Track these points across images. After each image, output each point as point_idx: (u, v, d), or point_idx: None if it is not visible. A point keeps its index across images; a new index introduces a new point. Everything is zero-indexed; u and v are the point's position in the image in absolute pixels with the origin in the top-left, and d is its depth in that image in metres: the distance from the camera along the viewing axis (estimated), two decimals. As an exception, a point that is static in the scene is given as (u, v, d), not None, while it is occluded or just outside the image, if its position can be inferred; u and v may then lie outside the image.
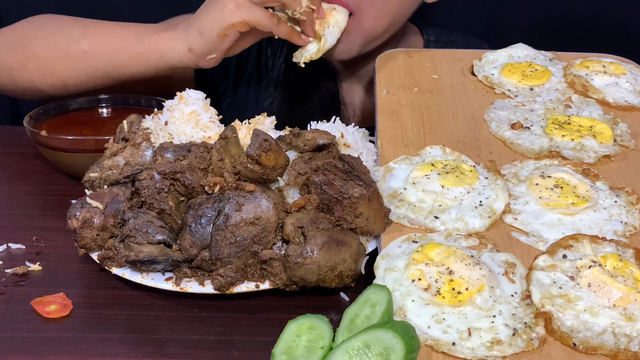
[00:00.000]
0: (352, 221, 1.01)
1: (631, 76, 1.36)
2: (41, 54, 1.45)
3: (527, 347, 0.86)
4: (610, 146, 1.18)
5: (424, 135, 1.23)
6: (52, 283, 1.07)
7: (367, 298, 0.90)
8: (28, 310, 1.01)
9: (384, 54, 1.47)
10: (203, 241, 1.00)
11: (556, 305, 0.90)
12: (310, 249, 0.97)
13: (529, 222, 1.05)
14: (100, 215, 1.04)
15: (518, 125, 1.23)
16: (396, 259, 0.97)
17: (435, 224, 1.04)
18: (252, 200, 1.01)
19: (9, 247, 1.16)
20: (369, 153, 1.19)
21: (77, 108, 1.51)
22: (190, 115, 1.18)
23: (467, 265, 0.93)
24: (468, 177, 1.10)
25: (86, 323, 1.00)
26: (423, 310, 0.90)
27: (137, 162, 1.12)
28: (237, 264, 1.00)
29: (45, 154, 1.38)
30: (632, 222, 1.05)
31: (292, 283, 1.00)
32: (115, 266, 1.04)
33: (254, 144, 1.02)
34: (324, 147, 1.08)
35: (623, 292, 0.90)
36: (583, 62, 1.39)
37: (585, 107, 1.28)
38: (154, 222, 1.02)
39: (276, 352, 0.86)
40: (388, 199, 1.08)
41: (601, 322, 0.88)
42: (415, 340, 0.82)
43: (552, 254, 0.98)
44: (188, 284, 1.01)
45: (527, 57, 1.44)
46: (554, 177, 1.10)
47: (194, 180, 1.04)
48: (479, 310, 0.89)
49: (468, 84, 1.38)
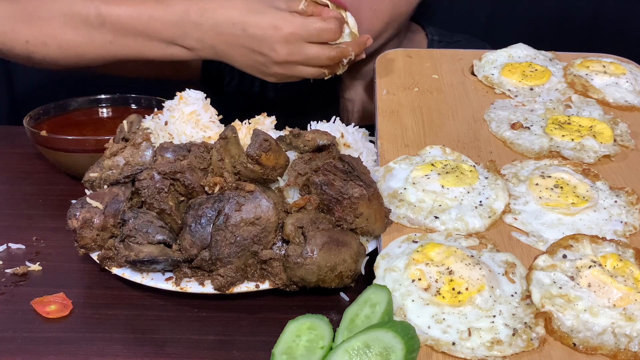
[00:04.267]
0: (352, 221, 1.01)
1: (631, 76, 1.35)
2: (63, 37, 1.41)
3: (527, 347, 0.86)
4: (610, 146, 1.18)
5: (424, 135, 1.23)
6: (52, 283, 1.07)
7: (367, 298, 0.90)
8: (28, 310, 1.01)
9: (384, 53, 1.47)
10: (203, 241, 1.00)
11: (556, 305, 0.90)
12: (310, 249, 0.97)
13: (529, 222, 1.05)
14: (100, 215, 1.04)
15: (518, 125, 1.23)
16: (396, 259, 0.97)
17: (435, 224, 1.04)
18: (252, 200, 1.01)
19: (9, 247, 1.16)
20: (369, 153, 1.19)
21: (77, 108, 1.51)
22: (190, 115, 1.18)
23: (467, 265, 0.93)
24: (468, 177, 1.10)
25: (86, 323, 1.00)
26: (423, 310, 0.90)
27: (137, 162, 1.12)
28: (237, 264, 1.00)
29: (45, 154, 1.38)
30: (632, 222, 1.05)
31: (292, 283, 1.00)
32: (115, 266, 1.04)
33: (254, 144, 1.02)
34: (324, 147, 1.08)
35: (623, 292, 0.90)
36: (583, 62, 1.39)
37: (585, 107, 1.28)
38: (154, 222, 1.02)
39: (276, 352, 0.86)
40: (388, 199, 1.08)
41: (601, 322, 0.88)
42: (415, 340, 0.82)
43: (552, 254, 0.98)
44: (188, 284, 1.01)
45: (527, 57, 1.44)
46: (554, 177, 1.10)
47: (194, 180, 1.04)
48: (479, 310, 0.89)
49: (468, 84, 1.38)
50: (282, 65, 1.30)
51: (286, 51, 1.27)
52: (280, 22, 1.27)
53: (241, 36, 1.30)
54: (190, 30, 1.33)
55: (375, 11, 1.44)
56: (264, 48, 1.29)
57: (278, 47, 1.27)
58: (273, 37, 1.27)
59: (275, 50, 1.28)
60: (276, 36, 1.27)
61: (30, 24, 1.42)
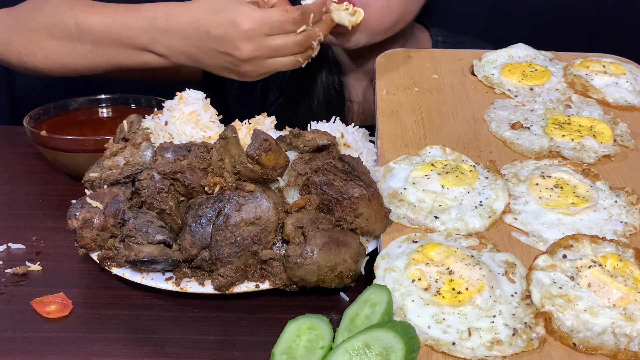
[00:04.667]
0: (352, 221, 1.01)
1: (631, 76, 1.35)
2: (49, 48, 1.42)
3: (527, 347, 0.86)
4: (610, 146, 1.18)
5: (424, 135, 1.23)
6: (52, 283, 1.07)
7: (367, 298, 0.90)
8: (28, 310, 1.01)
9: (384, 54, 1.47)
10: (203, 241, 1.00)
11: (556, 305, 0.90)
12: (310, 249, 0.97)
13: (529, 222, 1.05)
14: (100, 215, 1.04)
15: (518, 125, 1.23)
16: (396, 259, 0.97)
17: (435, 224, 1.04)
18: (252, 200, 1.01)
19: (9, 247, 1.16)
20: (369, 153, 1.19)
21: (77, 108, 1.51)
22: (190, 115, 1.18)
23: (467, 265, 0.93)
24: (468, 177, 1.10)
25: (86, 323, 1.00)
26: (423, 310, 0.90)
27: (137, 162, 1.12)
28: (237, 264, 1.00)
29: (45, 154, 1.38)
30: (632, 222, 1.05)
31: (292, 283, 1.00)
32: (115, 266, 1.04)
33: (254, 144, 1.02)
34: (324, 147, 1.08)
35: (623, 292, 0.90)
36: (583, 62, 1.39)
37: (585, 107, 1.28)
38: (154, 222, 1.02)
39: (276, 352, 0.86)
40: (388, 199, 1.08)
41: (601, 322, 0.88)
42: (415, 340, 0.82)
43: (552, 254, 0.98)
44: (188, 284, 1.01)
45: (527, 57, 1.44)
46: (554, 177, 1.10)
47: (194, 180, 1.04)
48: (479, 310, 0.89)
49: (468, 84, 1.38)
50: (251, 62, 1.26)
51: (250, 47, 1.23)
52: (238, 18, 1.22)
53: (205, 38, 1.26)
54: (159, 37, 1.32)
55: (387, 9, 1.43)
56: (228, 47, 1.25)
57: (241, 45, 1.23)
58: (233, 34, 1.23)
59: (239, 49, 1.24)
60: (236, 33, 1.23)
61: (22, 34, 1.44)
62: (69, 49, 1.40)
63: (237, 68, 1.28)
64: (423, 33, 1.71)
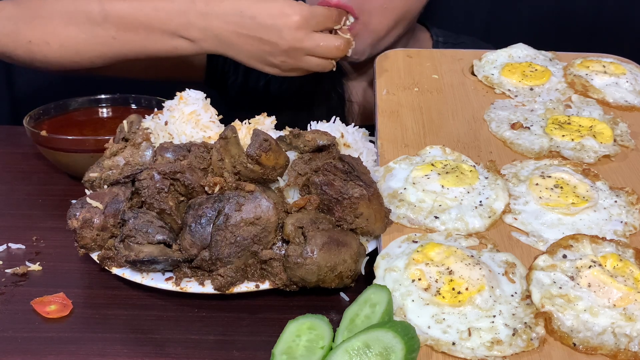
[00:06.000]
0: (352, 221, 1.01)
1: (631, 76, 1.35)
2: (65, 35, 1.40)
3: (527, 347, 0.86)
4: (610, 146, 1.18)
5: (424, 135, 1.23)
6: (52, 283, 1.07)
7: (367, 298, 0.90)
8: (28, 310, 1.01)
9: (384, 54, 1.47)
10: (203, 241, 1.00)
11: (556, 305, 0.90)
12: (310, 250, 0.97)
13: (529, 222, 1.05)
14: (100, 215, 1.04)
15: (518, 125, 1.23)
16: (396, 259, 0.97)
17: (435, 224, 1.04)
18: (252, 200, 1.01)
19: (9, 247, 1.16)
20: (369, 153, 1.19)
21: (77, 108, 1.51)
22: (190, 115, 1.18)
23: (467, 265, 0.93)
24: (468, 177, 1.10)
25: (86, 323, 1.00)
26: (423, 310, 0.90)
27: (137, 162, 1.12)
28: (237, 264, 1.00)
29: (45, 154, 1.38)
30: (632, 222, 1.05)
31: (292, 283, 1.00)
32: (115, 266, 1.04)
33: (254, 144, 1.02)
34: (324, 147, 1.08)
35: (623, 292, 0.90)
36: (583, 62, 1.39)
37: (585, 107, 1.28)
38: (154, 222, 1.02)
39: (276, 352, 0.86)
40: (388, 199, 1.08)
41: (601, 322, 0.88)
42: (415, 340, 0.82)
43: (552, 254, 0.98)
44: (188, 284, 1.01)
45: (527, 57, 1.44)
46: (554, 177, 1.10)
47: (194, 180, 1.04)
48: (479, 310, 0.89)
49: (468, 84, 1.38)
50: (289, 54, 1.28)
51: (296, 38, 1.26)
52: (288, 9, 1.26)
53: (250, 25, 1.28)
54: (195, 20, 1.31)
55: (387, 9, 1.43)
56: (272, 36, 1.27)
57: (287, 35, 1.26)
58: (281, 24, 1.26)
59: (284, 38, 1.26)
60: (285, 23, 1.26)
61: (33, 23, 1.42)
62: (89, 36, 1.38)
63: (271, 58, 1.30)
64: (423, 33, 1.71)
